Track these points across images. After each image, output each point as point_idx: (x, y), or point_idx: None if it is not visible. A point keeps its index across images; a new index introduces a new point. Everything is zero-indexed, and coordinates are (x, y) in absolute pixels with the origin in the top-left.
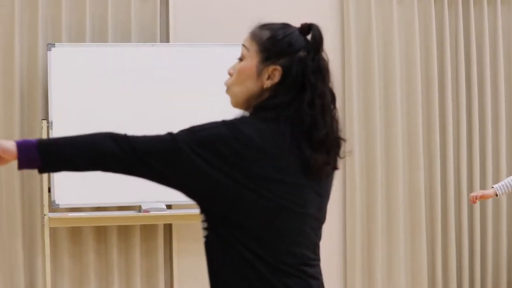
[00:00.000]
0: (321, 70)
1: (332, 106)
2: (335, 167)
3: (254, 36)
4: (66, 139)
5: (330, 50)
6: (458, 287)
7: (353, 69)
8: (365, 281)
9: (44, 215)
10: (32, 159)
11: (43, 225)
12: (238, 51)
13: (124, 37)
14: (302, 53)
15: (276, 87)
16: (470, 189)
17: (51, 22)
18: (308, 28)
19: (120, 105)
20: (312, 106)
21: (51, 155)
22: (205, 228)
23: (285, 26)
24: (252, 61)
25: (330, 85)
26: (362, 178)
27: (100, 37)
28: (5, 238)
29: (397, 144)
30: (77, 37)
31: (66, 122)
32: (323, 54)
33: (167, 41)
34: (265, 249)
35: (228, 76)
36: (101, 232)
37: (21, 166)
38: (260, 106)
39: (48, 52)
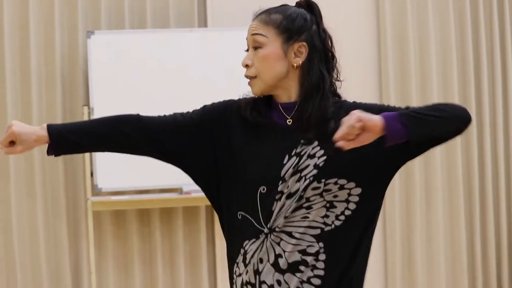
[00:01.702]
0: (331, 39)
1: (338, 72)
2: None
3: (268, 21)
4: (85, 126)
5: (366, 50)
6: (497, 263)
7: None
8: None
9: (87, 199)
10: (54, 147)
11: (86, 209)
12: None
13: (162, 23)
14: (314, 27)
15: (305, 62)
16: (508, 177)
17: (90, 10)
18: (308, 3)
19: (158, 90)
20: (338, 74)
21: (64, 144)
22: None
23: (289, 6)
24: (275, 44)
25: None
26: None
27: (139, 23)
28: (50, 222)
29: None
30: (116, 24)
31: (107, 108)
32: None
33: (205, 26)
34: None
35: (245, 69)
36: (144, 215)
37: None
38: (307, 87)
39: (88, 39)
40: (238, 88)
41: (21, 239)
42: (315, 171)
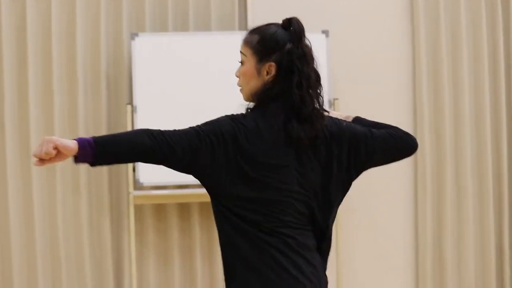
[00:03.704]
0: (305, 56)
1: (317, 84)
2: (317, 136)
3: (247, 42)
4: (114, 139)
5: (401, 57)
6: None
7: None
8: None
9: (129, 193)
10: (87, 156)
11: (128, 203)
12: (317, 38)
13: (204, 25)
14: (288, 46)
15: (273, 79)
16: None
17: (135, 12)
18: (288, 22)
19: (199, 91)
20: (299, 87)
21: (102, 154)
22: (214, 211)
23: (270, 26)
24: (251, 63)
25: (314, 67)
26: (433, 163)
27: (182, 26)
28: (94, 215)
29: (464, 129)
30: (160, 27)
31: (149, 107)
32: (306, 41)
33: (246, 29)
34: (257, 218)
35: (237, 78)
36: (184, 209)
37: (78, 160)
38: (263, 99)
39: (132, 41)
40: None
41: (66, 232)
42: None
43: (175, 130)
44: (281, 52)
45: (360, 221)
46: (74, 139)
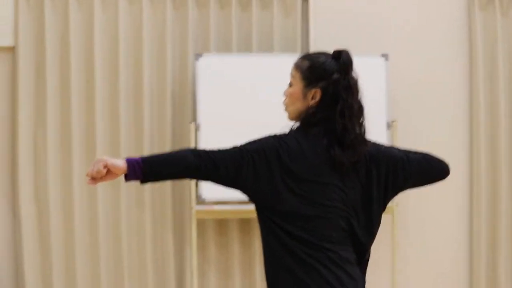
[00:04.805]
0: (351, 87)
1: (359, 115)
2: (359, 161)
3: (297, 66)
4: (160, 158)
5: (458, 79)
6: None
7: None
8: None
9: (192, 208)
10: (136, 175)
11: (191, 218)
12: (376, 61)
13: (267, 47)
14: (335, 75)
15: (318, 104)
16: None
17: (200, 34)
18: (338, 54)
19: (260, 110)
20: (342, 116)
21: (150, 172)
22: (258, 222)
23: (321, 54)
24: (298, 86)
25: (358, 98)
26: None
27: (245, 47)
28: (157, 230)
29: None
30: (224, 47)
31: (212, 125)
32: (353, 74)
33: (307, 51)
34: (301, 233)
35: (284, 98)
36: (245, 224)
37: (128, 179)
38: (306, 122)
39: (196, 61)
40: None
41: (129, 245)
42: None
43: (219, 150)
44: (328, 81)
45: (414, 236)
46: (125, 159)
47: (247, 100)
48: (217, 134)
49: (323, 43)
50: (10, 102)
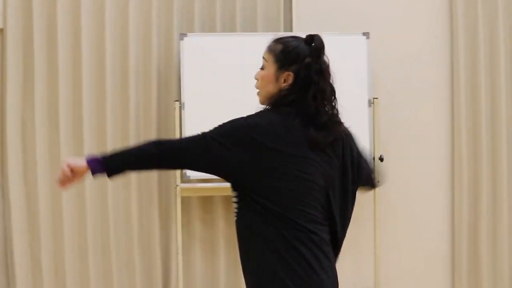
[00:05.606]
0: (323, 71)
1: (332, 98)
2: (336, 139)
3: (270, 49)
4: (121, 151)
5: (439, 57)
6: None
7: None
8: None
9: (177, 185)
10: (100, 170)
11: (175, 195)
12: (358, 39)
13: (251, 27)
14: (308, 59)
15: (289, 88)
16: None
17: (184, 13)
18: (311, 38)
19: (244, 89)
20: (315, 99)
21: (112, 166)
22: (236, 202)
23: (294, 38)
24: (271, 69)
25: (330, 82)
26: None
27: (229, 27)
28: (143, 207)
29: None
30: (209, 27)
31: (196, 104)
32: (325, 58)
33: (291, 30)
34: (281, 209)
35: (255, 81)
36: (229, 201)
37: (94, 174)
38: (278, 103)
39: (181, 41)
40: None
41: (116, 223)
42: None
43: (185, 137)
44: (300, 64)
45: (397, 214)
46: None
47: (231, 79)
48: (202, 112)
49: (306, 22)
50: None
